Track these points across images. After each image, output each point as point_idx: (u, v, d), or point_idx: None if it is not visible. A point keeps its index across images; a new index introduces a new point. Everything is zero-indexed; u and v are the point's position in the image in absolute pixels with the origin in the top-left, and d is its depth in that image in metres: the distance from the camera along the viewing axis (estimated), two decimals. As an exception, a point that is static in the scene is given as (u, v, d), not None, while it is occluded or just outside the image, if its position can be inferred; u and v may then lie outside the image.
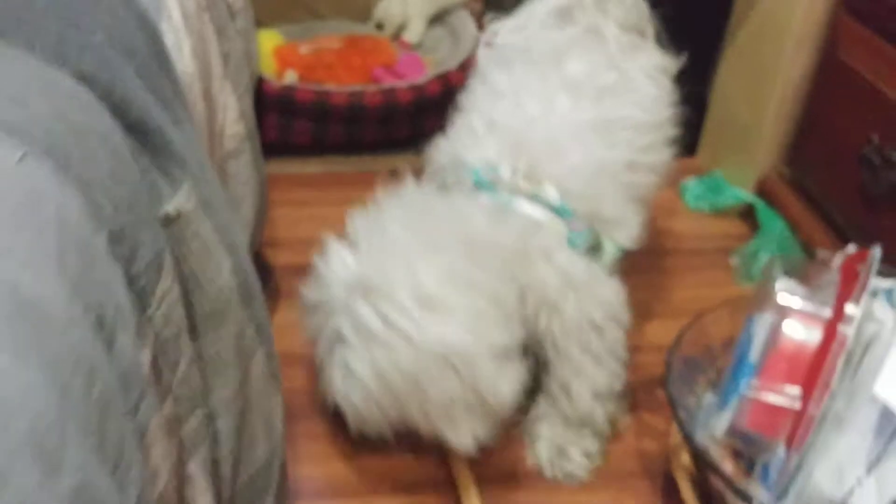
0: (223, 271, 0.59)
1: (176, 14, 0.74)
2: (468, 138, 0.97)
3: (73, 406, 0.38)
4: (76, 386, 0.39)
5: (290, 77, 1.55)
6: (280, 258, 1.32)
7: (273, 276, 1.26)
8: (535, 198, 0.94)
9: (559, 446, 1.04)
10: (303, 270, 1.32)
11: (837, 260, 0.90)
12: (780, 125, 1.38)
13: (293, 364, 1.08)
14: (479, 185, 0.95)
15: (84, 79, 0.53)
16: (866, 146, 1.16)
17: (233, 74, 0.92)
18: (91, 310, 0.42)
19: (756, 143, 1.41)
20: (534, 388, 1.03)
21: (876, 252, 0.82)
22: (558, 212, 0.95)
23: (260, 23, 1.45)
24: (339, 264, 0.87)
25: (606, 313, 0.98)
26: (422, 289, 0.82)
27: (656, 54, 1.10)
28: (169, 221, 0.55)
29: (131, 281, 0.50)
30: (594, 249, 1.00)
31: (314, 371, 1.14)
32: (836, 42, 1.26)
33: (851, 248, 0.92)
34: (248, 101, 0.99)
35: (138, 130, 0.55)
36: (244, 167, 0.94)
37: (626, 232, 1.03)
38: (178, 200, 0.55)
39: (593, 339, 0.98)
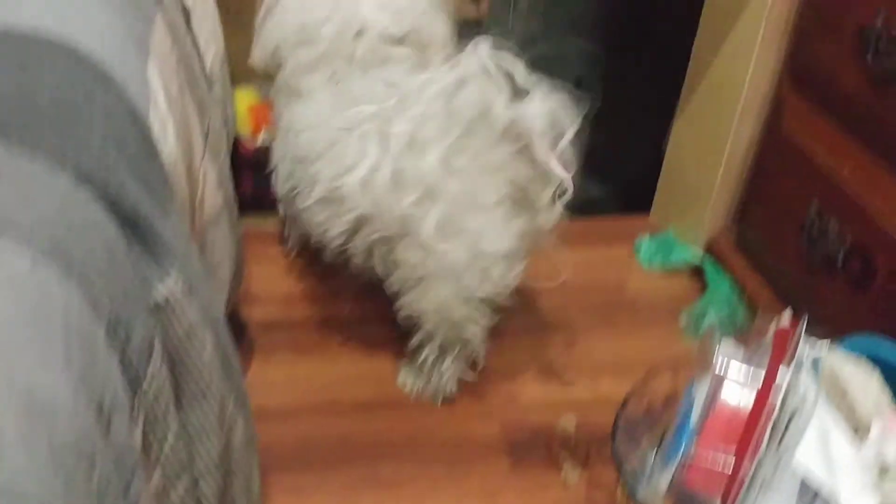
0: (206, 350, 0.65)
1: (161, 98, 0.80)
2: None
3: (76, 493, 0.43)
4: (80, 473, 0.44)
5: (266, 137, 1.60)
6: (254, 314, 1.36)
7: (247, 332, 1.30)
8: None
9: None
10: (276, 326, 1.37)
11: (772, 328, 0.97)
12: (728, 189, 1.46)
13: (267, 419, 1.11)
14: None
15: (82, 177, 0.59)
16: (807, 215, 1.23)
17: (212, 146, 0.98)
18: (93, 399, 0.48)
19: (705, 205, 1.49)
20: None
21: (802, 325, 0.89)
22: None
23: (236, 80, 1.50)
24: None
25: None
26: None
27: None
28: (158, 308, 0.60)
29: (125, 364, 0.55)
30: None
31: (286, 426, 1.19)
32: (779, 114, 1.33)
33: (787, 316, 0.98)
34: (226, 167, 1.05)
35: (130, 222, 0.61)
36: (222, 233, 1.00)
37: None
38: (167, 288, 0.61)
39: None
